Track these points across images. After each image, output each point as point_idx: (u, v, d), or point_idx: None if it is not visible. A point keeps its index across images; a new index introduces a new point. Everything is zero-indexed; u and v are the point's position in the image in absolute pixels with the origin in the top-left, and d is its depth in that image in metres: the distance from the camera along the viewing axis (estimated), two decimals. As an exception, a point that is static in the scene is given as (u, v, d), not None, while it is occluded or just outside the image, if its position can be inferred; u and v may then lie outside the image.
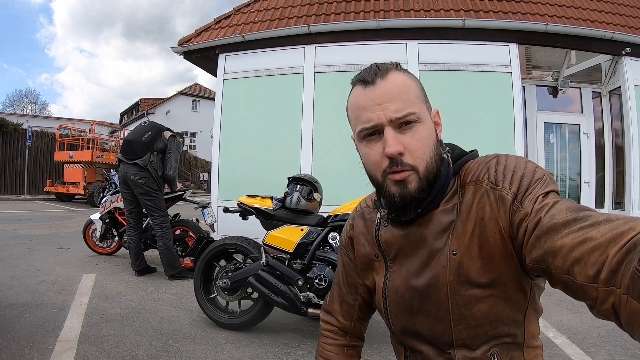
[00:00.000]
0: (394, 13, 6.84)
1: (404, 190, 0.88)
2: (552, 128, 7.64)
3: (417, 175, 0.87)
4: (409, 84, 0.90)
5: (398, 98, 0.87)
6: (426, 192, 0.89)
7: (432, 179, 0.89)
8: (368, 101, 0.88)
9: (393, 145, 0.85)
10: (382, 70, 0.90)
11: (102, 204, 6.13)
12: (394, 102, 0.86)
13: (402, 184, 0.88)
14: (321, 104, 6.77)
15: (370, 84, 0.89)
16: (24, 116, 30.71)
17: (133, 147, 5.10)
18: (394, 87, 0.88)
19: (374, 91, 0.88)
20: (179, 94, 37.97)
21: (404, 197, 0.88)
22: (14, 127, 18.93)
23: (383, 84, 0.88)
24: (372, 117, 0.87)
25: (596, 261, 0.61)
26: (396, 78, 0.89)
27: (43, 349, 2.98)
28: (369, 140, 0.91)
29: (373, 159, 0.90)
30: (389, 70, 0.90)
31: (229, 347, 3.22)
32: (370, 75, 0.90)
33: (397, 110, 0.86)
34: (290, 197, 3.59)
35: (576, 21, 6.59)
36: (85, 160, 15.79)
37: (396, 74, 0.90)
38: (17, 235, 7.87)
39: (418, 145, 0.87)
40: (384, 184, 0.90)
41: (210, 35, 7.64)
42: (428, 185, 0.89)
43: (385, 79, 0.88)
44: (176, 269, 5.10)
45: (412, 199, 0.89)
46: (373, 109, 0.87)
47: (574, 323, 3.88)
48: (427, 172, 0.88)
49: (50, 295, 4.18)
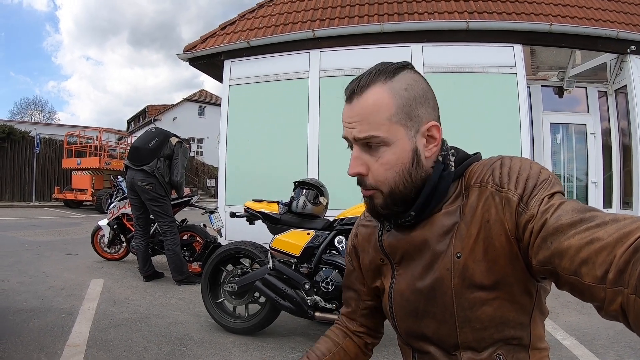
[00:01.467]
0: (397, 16, 6.84)
1: (371, 203, 0.94)
2: (559, 128, 7.60)
3: (382, 194, 0.91)
4: (383, 103, 0.87)
5: (364, 120, 0.88)
6: (391, 209, 0.93)
7: (401, 199, 0.91)
8: (345, 116, 0.92)
9: (352, 167, 0.91)
10: (361, 85, 0.88)
11: (110, 210, 6.17)
12: (359, 124, 0.88)
13: (369, 199, 0.94)
14: (327, 108, 6.77)
15: (348, 101, 0.91)
16: (31, 124, 30.85)
17: (140, 153, 5.13)
18: (363, 109, 0.88)
19: (349, 108, 0.90)
20: (186, 100, 38.03)
21: (371, 212, 0.97)
22: (22, 135, 19.05)
23: (357, 103, 0.89)
24: (346, 133, 0.92)
25: (604, 261, 0.61)
26: (370, 97, 0.87)
27: (51, 354, 3.00)
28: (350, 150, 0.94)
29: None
30: (370, 86, 0.88)
31: (236, 352, 3.22)
32: (349, 91, 0.91)
33: (361, 131, 0.88)
34: (296, 201, 3.60)
35: (580, 20, 6.56)
36: (93, 167, 15.90)
37: (375, 90, 0.87)
38: (26, 241, 7.93)
39: (380, 171, 0.90)
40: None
41: (216, 42, 7.67)
42: (395, 204, 0.92)
43: (360, 97, 0.88)
44: (184, 274, 5.11)
45: (378, 213, 0.95)
46: (345, 125, 0.91)
47: (583, 324, 3.85)
48: (392, 192, 0.90)
49: (58, 301, 4.21)
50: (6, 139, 18.25)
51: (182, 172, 5.30)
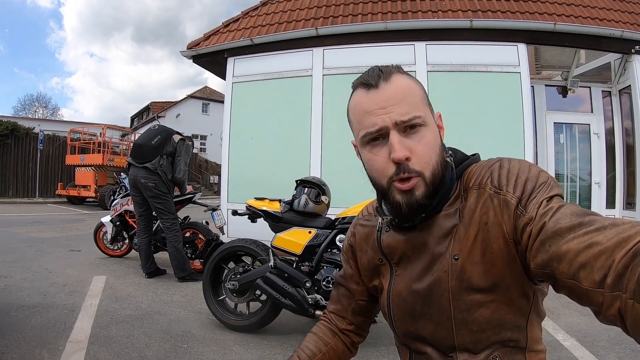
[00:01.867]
0: (401, 14, 6.82)
1: (411, 198, 0.86)
2: (562, 128, 7.57)
3: (424, 181, 0.85)
4: (413, 87, 0.89)
5: (403, 101, 0.85)
6: (432, 198, 0.87)
7: (438, 184, 0.87)
8: (372, 105, 0.86)
9: (400, 150, 0.83)
10: (385, 73, 0.87)
11: (112, 206, 6.19)
12: (399, 106, 0.84)
13: (409, 193, 0.85)
14: (330, 106, 6.77)
15: (374, 87, 0.86)
16: (35, 120, 30.96)
17: (143, 150, 5.14)
18: (398, 90, 0.86)
19: (378, 95, 0.86)
20: (189, 97, 38.08)
21: (410, 205, 0.86)
22: (26, 132, 19.12)
23: (387, 87, 0.86)
24: (377, 121, 0.85)
25: (602, 266, 0.61)
26: (400, 81, 0.87)
27: (53, 350, 3.02)
28: (372, 145, 0.88)
29: (378, 166, 0.88)
30: (392, 73, 0.88)
31: (237, 349, 3.23)
32: (373, 78, 0.87)
33: (403, 113, 0.84)
34: (298, 199, 3.60)
35: (585, 20, 6.53)
36: (96, 163, 15.96)
37: (399, 76, 0.88)
38: (29, 237, 7.96)
39: (424, 151, 0.85)
40: (389, 191, 0.88)
41: (219, 39, 7.67)
42: (434, 191, 0.87)
43: (388, 82, 0.86)
44: (186, 271, 5.12)
45: (419, 205, 0.86)
46: (377, 112, 0.85)
47: (584, 325, 3.85)
48: (434, 177, 0.86)
49: (61, 297, 4.23)
50: (10, 136, 18.32)
51: (184, 169, 5.31)
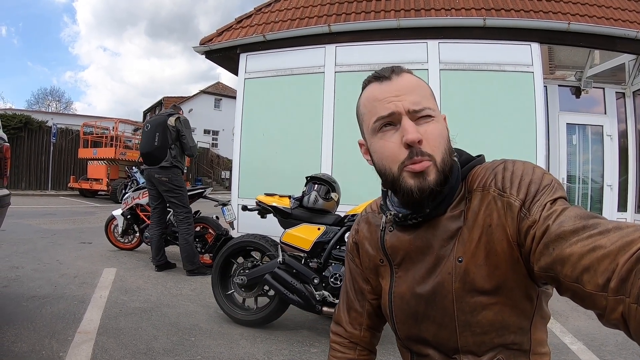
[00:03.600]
0: (414, 12, 6.79)
1: (423, 182, 0.85)
2: (575, 129, 7.49)
3: (435, 166, 0.85)
4: (423, 84, 0.93)
5: (414, 92, 0.88)
6: (443, 185, 0.87)
7: (448, 173, 0.88)
8: (385, 93, 0.89)
9: (413, 132, 0.84)
10: (397, 69, 0.92)
11: (124, 200, 6.25)
12: (411, 95, 0.87)
13: (421, 176, 0.85)
14: (342, 103, 6.75)
15: (387, 79, 0.91)
16: (49, 114, 31.22)
17: (153, 155, 5.20)
18: (410, 83, 0.90)
19: (391, 85, 0.89)
20: (202, 92, 38.25)
21: (422, 190, 0.85)
22: (39, 125, 19.30)
23: (399, 79, 0.90)
24: (390, 107, 0.87)
25: (606, 269, 0.61)
26: (411, 77, 0.92)
27: (63, 340, 3.06)
28: (383, 132, 0.89)
29: (389, 151, 0.88)
30: (403, 71, 0.92)
31: (244, 343, 3.25)
32: (386, 72, 0.92)
33: (415, 102, 0.87)
34: (307, 196, 3.61)
35: (599, 20, 6.45)
36: (108, 157, 16.10)
37: (410, 74, 0.93)
38: (41, 229, 8.06)
39: (434, 136, 0.87)
40: (399, 177, 0.88)
41: (232, 35, 7.68)
42: (444, 179, 0.87)
43: (400, 75, 0.91)
44: (195, 265, 5.17)
45: (431, 191, 0.86)
46: (390, 99, 0.88)
47: (592, 329, 3.82)
48: (444, 163, 0.87)
49: (71, 288, 4.28)
50: (23, 129, 18.51)
51: (192, 144, 5.39)
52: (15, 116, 18.73)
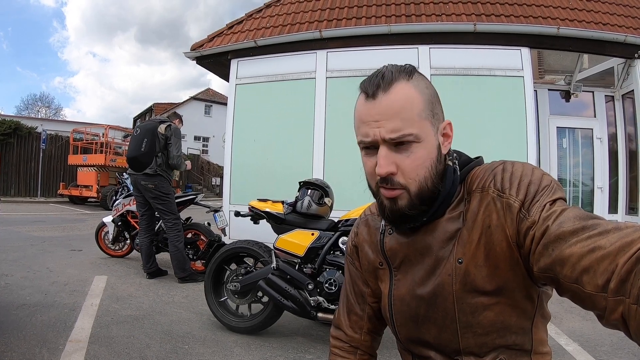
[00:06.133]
0: (405, 18, 6.83)
1: (394, 206, 0.88)
2: (565, 133, 7.57)
3: (409, 194, 0.87)
4: (413, 98, 0.86)
5: (396, 116, 0.84)
6: (418, 209, 0.88)
7: (428, 197, 0.88)
8: (367, 116, 0.86)
9: (383, 167, 0.85)
10: (385, 82, 0.85)
11: (114, 207, 6.21)
12: (391, 121, 0.83)
13: (392, 200, 0.88)
14: (333, 108, 6.77)
15: (371, 98, 0.86)
16: (38, 120, 31.00)
17: (138, 161, 5.12)
18: (394, 104, 0.84)
19: (374, 106, 0.85)
20: (192, 98, 38.08)
21: (393, 212, 0.90)
22: (29, 131, 19.15)
23: (384, 99, 0.84)
24: (369, 133, 0.86)
25: (605, 270, 0.61)
26: (399, 92, 0.85)
27: (53, 349, 3.02)
28: (366, 151, 0.91)
29: (368, 170, 0.91)
30: (394, 82, 0.85)
31: (238, 351, 3.23)
32: (373, 87, 0.86)
33: (393, 130, 0.83)
34: (301, 201, 3.60)
35: (588, 24, 6.53)
36: (98, 163, 15.97)
37: (401, 86, 0.85)
38: (31, 236, 7.97)
39: (412, 167, 0.85)
40: (378, 194, 0.92)
41: (223, 41, 7.68)
42: (421, 202, 0.88)
43: (387, 93, 0.85)
44: (186, 272, 5.13)
45: (402, 215, 0.89)
46: (371, 124, 0.86)
47: (586, 330, 3.84)
48: (420, 191, 0.87)
49: (62, 296, 4.23)
50: (12, 135, 18.36)
51: (177, 154, 5.26)
52: (4, 122, 18.54)
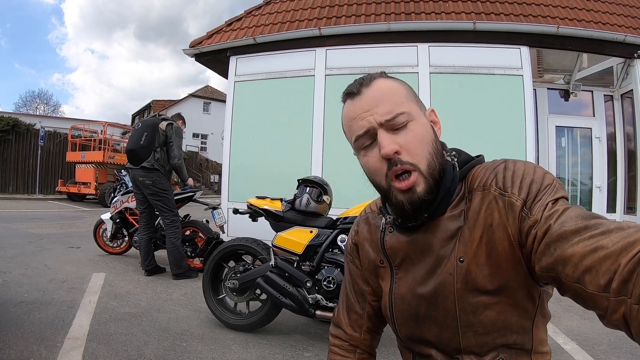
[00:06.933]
0: (404, 16, 6.82)
1: (412, 195, 0.86)
2: (564, 132, 7.58)
3: (422, 175, 0.86)
4: (395, 87, 0.91)
5: (385, 101, 0.88)
6: (435, 192, 0.87)
7: (438, 177, 0.88)
8: (357, 110, 0.90)
9: (387, 145, 0.84)
10: (366, 79, 0.92)
11: (113, 204, 6.19)
12: (381, 106, 0.87)
13: (409, 191, 0.86)
14: (332, 106, 6.75)
15: (357, 95, 0.91)
16: (36, 117, 30.89)
17: (136, 154, 5.14)
18: (379, 92, 0.89)
19: (361, 100, 0.90)
20: (191, 96, 38.05)
21: (413, 203, 0.87)
22: (27, 128, 19.12)
23: (369, 91, 0.90)
24: (363, 124, 0.88)
25: (607, 270, 0.61)
26: (382, 84, 0.91)
27: (51, 346, 3.01)
28: (366, 149, 0.91)
29: (372, 166, 0.90)
30: (374, 79, 0.91)
31: (236, 348, 3.22)
32: (355, 86, 0.92)
33: (386, 112, 0.86)
34: (299, 199, 3.59)
35: (588, 24, 6.53)
36: (96, 160, 15.94)
37: (381, 80, 0.91)
38: (29, 233, 7.96)
39: (414, 143, 0.86)
40: (389, 191, 0.89)
41: (222, 38, 7.66)
42: (435, 184, 0.87)
43: (370, 86, 0.90)
44: (181, 269, 5.13)
45: (422, 202, 0.86)
46: (362, 115, 0.88)
47: (584, 329, 3.84)
48: (430, 169, 0.86)
49: (60, 294, 4.22)
50: (11, 132, 18.32)
51: (178, 154, 5.30)
52: (2, 119, 18.50)
